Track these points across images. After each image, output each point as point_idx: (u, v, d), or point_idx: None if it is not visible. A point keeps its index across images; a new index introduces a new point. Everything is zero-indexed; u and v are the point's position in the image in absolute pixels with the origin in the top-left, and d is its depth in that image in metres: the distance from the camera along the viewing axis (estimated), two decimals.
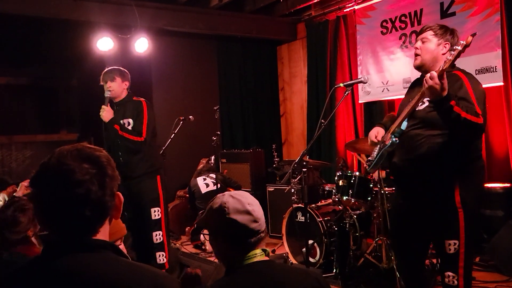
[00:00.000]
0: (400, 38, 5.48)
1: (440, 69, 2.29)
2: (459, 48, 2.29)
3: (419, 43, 2.70)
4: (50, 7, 5.17)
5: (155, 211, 4.04)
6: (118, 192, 1.19)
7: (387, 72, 5.70)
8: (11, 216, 2.31)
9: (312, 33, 6.76)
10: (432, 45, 2.65)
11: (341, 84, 3.15)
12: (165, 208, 4.17)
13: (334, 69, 6.39)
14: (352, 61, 6.18)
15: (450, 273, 2.57)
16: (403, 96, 2.94)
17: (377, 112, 5.86)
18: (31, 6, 5.06)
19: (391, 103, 5.79)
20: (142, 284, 1.08)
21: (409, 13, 5.35)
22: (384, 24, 5.66)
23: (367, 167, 2.95)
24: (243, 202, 1.58)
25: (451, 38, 2.67)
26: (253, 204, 1.60)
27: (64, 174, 1.09)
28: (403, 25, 5.43)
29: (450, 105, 2.29)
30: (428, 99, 2.47)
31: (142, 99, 4.09)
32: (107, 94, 3.98)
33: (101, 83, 4.03)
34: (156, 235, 4.03)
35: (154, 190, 4.07)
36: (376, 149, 2.85)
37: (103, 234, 1.16)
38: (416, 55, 2.70)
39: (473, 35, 2.34)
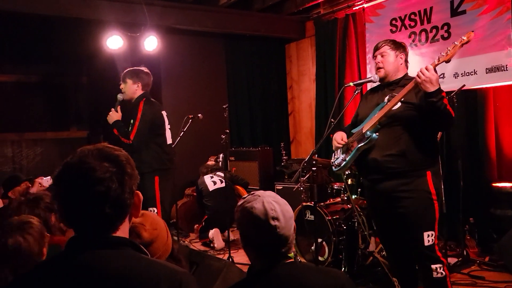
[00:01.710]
0: (409, 37, 5.44)
1: (436, 63, 2.59)
2: (457, 44, 2.56)
3: (379, 58, 2.96)
4: (60, 5, 5.21)
5: (150, 211, 3.95)
6: (138, 191, 1.22)
7: None
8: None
9: (320, 31, 6.75)
10: (391, 57, 2.94)
11: (351, 83, 3.20)
12: (163, 208, 4.06)
13: (343, 68, 6.38)
14: (361, 60, 6.16)
15: (436, 266, 2.73)
16: None
17: None
18: (42, 4, 5.10)
19: None
20: (160, 280, 1.10)
21: (419, 11, 5.32)
22: (394, 22, 5.64)
23: (335, 168, 3.13)
24: (285, 212, 1.57)
25: (403, 50, 2.99)
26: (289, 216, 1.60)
27: (85, 172, 1.12)
28: (412, 24, 5.40)
29: (442, 96, 2.58)
30: (403, 100, 2.76)
31: (143, 99, 4.09)
32: (119, 96, 4.11)
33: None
34: None
35: (150, 190, 4.01)
36: (339, 152, 3.09)
37: (123, 231, 1.18)
38: (379, 68, 2.96)
39: (472, 31, 2.63)
